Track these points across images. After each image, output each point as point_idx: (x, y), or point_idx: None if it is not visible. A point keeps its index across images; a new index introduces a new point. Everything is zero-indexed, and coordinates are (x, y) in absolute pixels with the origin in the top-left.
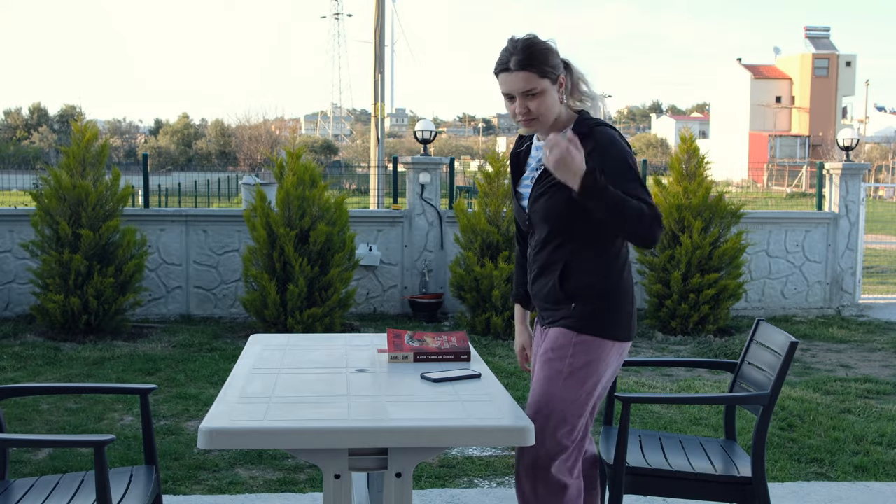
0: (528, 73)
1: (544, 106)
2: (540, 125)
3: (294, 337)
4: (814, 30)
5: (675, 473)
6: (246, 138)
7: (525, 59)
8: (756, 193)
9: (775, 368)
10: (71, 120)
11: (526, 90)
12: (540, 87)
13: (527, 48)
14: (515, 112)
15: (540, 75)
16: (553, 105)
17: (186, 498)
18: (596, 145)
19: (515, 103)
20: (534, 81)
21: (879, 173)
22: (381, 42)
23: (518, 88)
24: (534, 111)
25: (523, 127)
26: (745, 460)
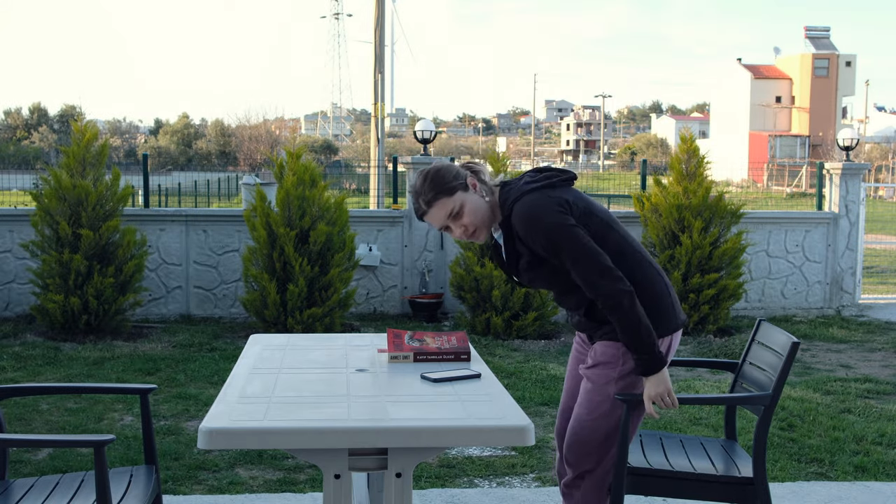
0: (439, 201)
1: (473, 215)
2: (484, 231)
3: (294, 337)
4: (814, 30)
5: (677, 474)
6: (246, 138)
7: (428, 194)
8: (756, 193)
9: (776, 368)
10: (71, 120)
11: (450, 215)
12: (457, 204)
13: (426, 184)
14: (456, 236)
15: (449, 195)
16: (480, 207)
17: (186, 498)
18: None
19: (452, 230)
20: (448, 204)
21: (879, 173)
22: (381, 42)
23: (443, 219)
24: (469, 224)
25: (473, 241)
26: (746, 460)
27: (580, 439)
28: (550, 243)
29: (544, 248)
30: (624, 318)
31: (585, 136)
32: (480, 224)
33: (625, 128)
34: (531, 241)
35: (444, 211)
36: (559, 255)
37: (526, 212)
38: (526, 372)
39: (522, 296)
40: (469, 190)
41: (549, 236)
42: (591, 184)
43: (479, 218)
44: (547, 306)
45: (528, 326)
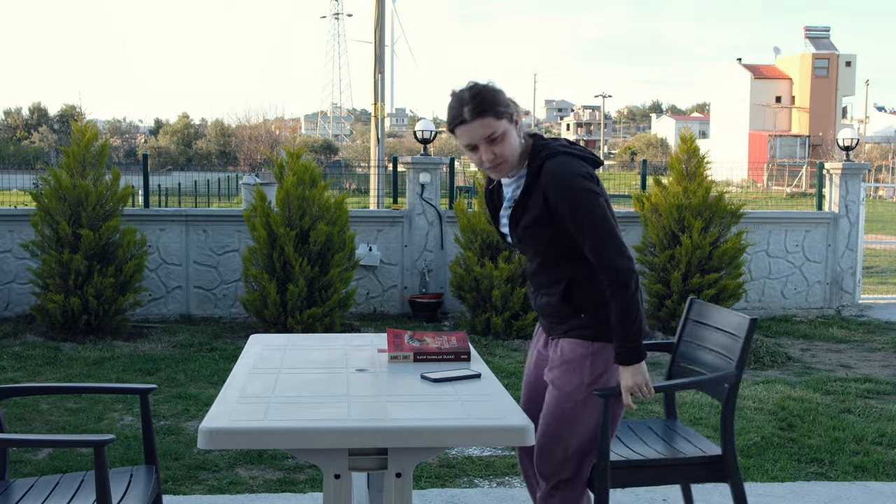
0: (486, 118)
1: (508, 147)
2: (508, 167)
3: (294, 337)
4: (814, 30)
5: (650, 462)
6: (246, 138)
7: (478, 106)
8: (756, 193)
9: (732, 349)
10: (71, 120)
11: (487, 136)
12: (500, 130)
13: (476, 95)
14: (482, 160)
15: (497, 117)
16: (514, 144)
17: (186, 498)
18: (547, 183)
19: (480, 152)
20: (493, 126)
21: (879, 173)
22: (381, 42)
23: (480, 136)
24: (500, 155)
25: (492, 173)
26: (699, 438)
27: (552, 450)
28: (578, 204)
29: (570, 208)
30: (627, 299)
31: (585, 136)
32: (510, 159)
33: (625, 128)
34: (556, 199)
35: (486, 130)
36: (578, 220)
37: (562, 169)
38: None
39: (522, 296)
40: (512, 123)
41: (578, 197)
42: None
43: (511, 153)
44: None
45: (528, 326)
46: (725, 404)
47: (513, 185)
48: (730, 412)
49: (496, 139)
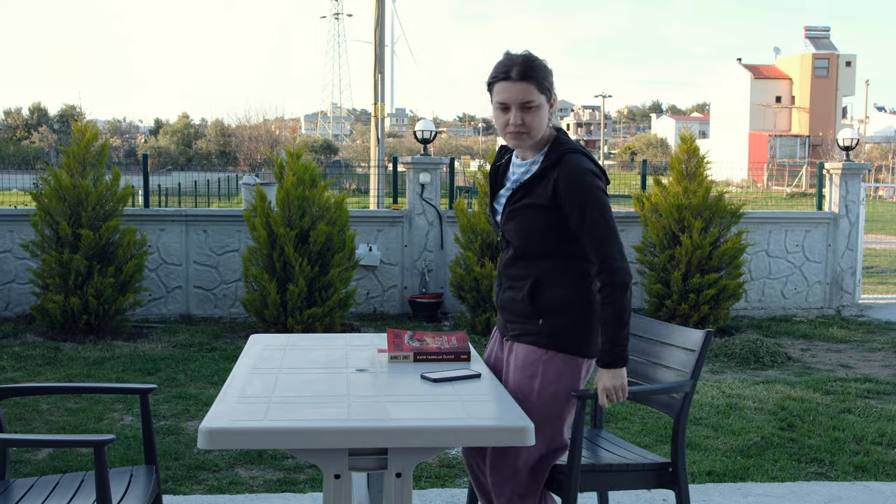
0: (529, 84)
1: (538, 121)
2: (529, 140)
3: (294, 337)
4: (814, 30)
5: (600, 466)
6: (246, 138)
7: (527, 71)
8: (756, 193)
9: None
10: (71, 120)
11: (524, 101)
12: (537, 102)
13: (528, 61)
14: (509, 122)
15: (539, 89)
16: (544, 122)
17: (186, 498)
18: (562, 175)
19: (510, 114)
20: (533, 94)
21: (879, 173)
22: (381, 42)
23: (517, 99)
24: (527, 124)
25: (512, 139)
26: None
27: (503, 457)
28: (590, 200)
29: (580, 202)
30: (623, 302)
31: (585, 136)
32: (533, 133)
33: (625, 128)
34: (569, 192)
35: (524, 95)
36: (587, 216)
37: (581, 165)
38: None
39: None
40: (548, 103)
41: (592, 193)
42: None
43: (537, 127)
44: None
45: None
46: (679, 412)
47: (523, 167)
48: (684, 418)
49: (531, 108)
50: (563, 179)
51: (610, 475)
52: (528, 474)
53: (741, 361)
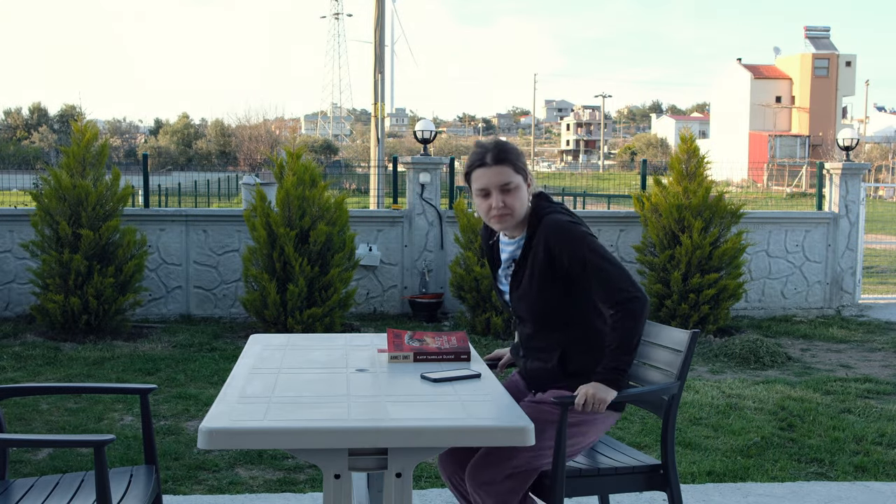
0: (505, 167)
1: (518, 201)
2: (512, 220)
3: (294, 337)
4: (814, 30)
5: (589, 471)
6: (246, 138)
7: (500, 154)
8: (756, 193)
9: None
10: (71, 120)
11: (503, 184)
12: (515, 182)
13: (500, 145)
14: (491, 207)
15: (515, 170)
16: (524, 201)
17: (186, 498)
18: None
19: (491, 198)
20: (510, 175)
21: (879, 173)
22: (381, 42)
23: (496, 182)
24: (509, 206)
25: (496, 223)
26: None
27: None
28: (581, 248)
29: (571, 252)
30: (631, 329)
31: (585, 136)
32: (517, 212)
33: (625, 128)
34: (559, 247)
35: (502, 178)
36: (584, 262)
37: (561, 220)
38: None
39: None
40: (526, 183)
41: (580, 240)
42: (591, 184)
43: (519, 207)
44: None
45: None
46: (667, 413)
47: (512, 245)
48: (673, 420)
49: (510, 189)
50: (551, 239)
51: (600, 479)
52: (512, 481)
53: (741, 361)
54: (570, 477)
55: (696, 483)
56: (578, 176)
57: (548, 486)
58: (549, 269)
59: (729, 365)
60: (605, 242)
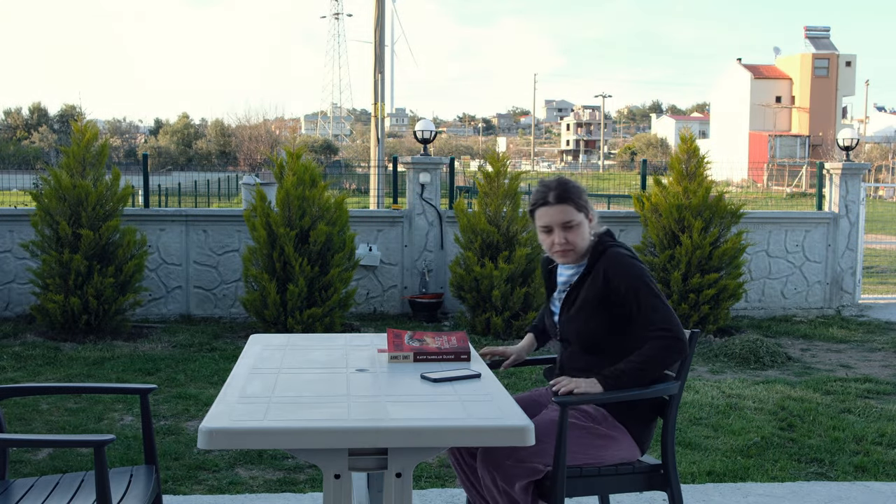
0: (566, 205)
1: (580, 237)
2: (574, 255)
3: (294, 337)
4: (814, 30)
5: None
6: (246, 138)
7: (563, 194)
8: (756, 193)
9: None
10: (71, 120)
11: (565, 222)
12: (577, 220)
13: (562, 185)
14: (553, 243)
15: (576, 209)
16: (586, 237)
17: (186, 498)
18: (612, 267)
19: (553, 235)
20: (571, 213)
21: (879, 173)
22: (381, 42)
23: (557, 220)
24: (571, 242)
25: (558, 257)
26: None
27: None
28: (638, 283)
29: (629, 286)
30: (661, 357)
31: (585, 136)
32: (578, 248)
33: (625, 128)
34: (617, 279)
35: (564, 216)
36: (638, 293)
37: (622, 254)
38: (526, 372)
39: (522, 296)
40: (587, 220)
41: (639, 277)
42: (591, 184)
43: (580, 243)
44: None
45: (527, 326)
46: (667, 416)
47: (571, 270)
48: (673, 420)
49: (571, 226)
50: (611, 270)
51: (600, 479)
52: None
53: (741, 361)
54: (570, 477)
55: (696, 483)
56: (578, 176)
57: (548, 487)
58: (603, 296)
59: (729, 365)
60: None
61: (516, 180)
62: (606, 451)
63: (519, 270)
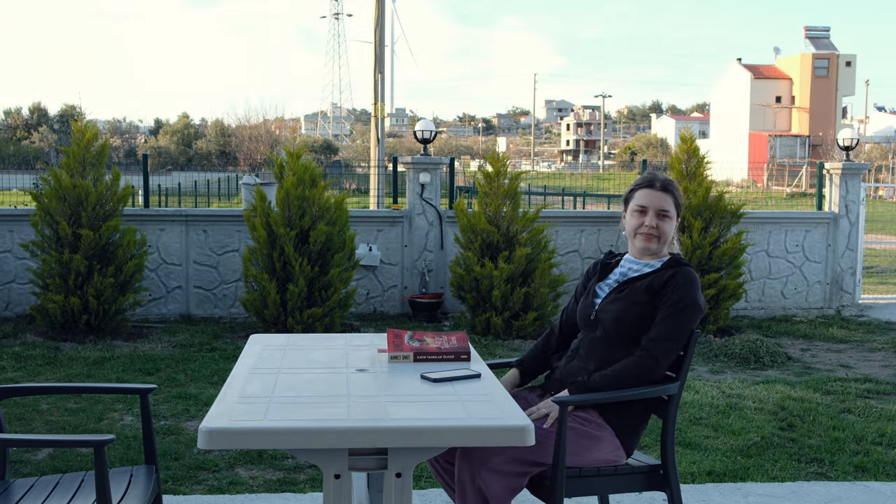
0: (668, 195)
1: (668, 230)
2: (657, 245)
3: (294, 337)
4: (814, 30)
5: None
6: (246, 138)
7: (668, 185)
8: (756, 193)
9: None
10: (71, 120)
11: (661, 209)
12: (672, 212)
13: (669, 180)
14: (644, 223)
15: (675, 203)
16: (672, 233)
17: (186, 498)
18: (676, 280)
19: (647, 216)
20: (669, 204)
21: (879, 173)
22: (381, 42)
23: (657, 205)
24: (660, 229)
25: (642, 240)
26: None
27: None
28: (681, 303)
29: (677, 299)
30: (634, 374)
31: (585, 136)
32: (664, 239)
33: (625, 128)
34: (675, 288)
35: (663, 203)
36: (673, 310)
37: (695, 277)
38: None
39: (522, 296)
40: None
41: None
42: (591, 184)
43: (667, 234)
44: (547, 306)
45: (527, 326)
46: (668, 413)
47: (639, 264)
48: (673, 421)
49: (666, 216)
50: (678, 279)
51: (599, 479)
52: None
53: (741, 361)
54: (569, 477)
55: (696, 483)
56: (578, 176)
57: (548, 487)
58: (655, 293)
59: (729, 365)
60: (604, 242)
61: (516, 180)
62: (590, 453)
63: (519, 270)
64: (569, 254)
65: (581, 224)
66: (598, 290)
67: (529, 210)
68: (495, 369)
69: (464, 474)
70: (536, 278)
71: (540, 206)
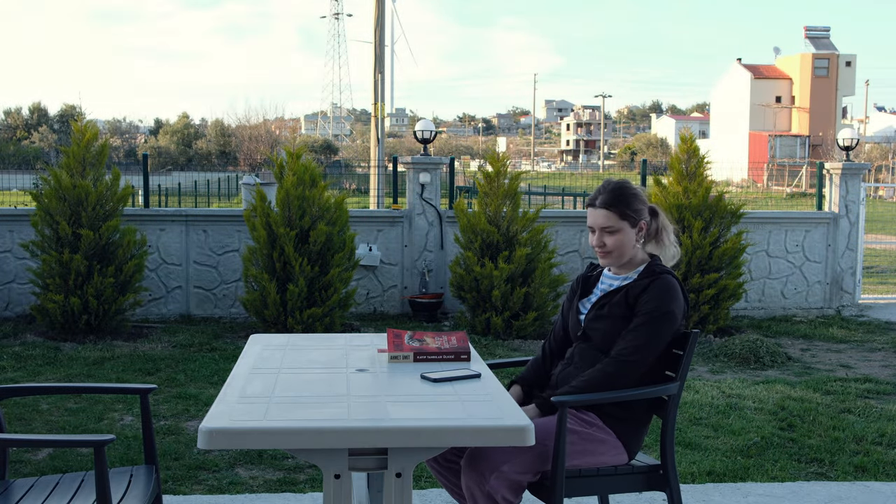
0: (609, 212)
1: (618, 243)
2: (613, 259)
3: (294, 337)
4: (814, 30)
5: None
6: (246, 138)
7: (609, 200)
8: (756, 193)
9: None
10: (71, 120)
11: (604, 226)
12: (617, 227)
13: (614, 191)
14: (593, 243)
15: (619, 217)
16: (627, 244)
17: (186, 498)
18: (650, 291)
19: (594, 236)
20: (612, 220)
21: (879, 173)
22: (381, 42)
23: (598, 223)
24: (608, 246)
25: (599, 258)
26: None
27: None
28: (659, 312)
29: (654, 306)
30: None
31: (585, 136)
32: (615, 252)
33: (625, 128)
34: (651, 296)
35: (603, 220)
36: (647, 316)
37: (674, 286)
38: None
39: (522, 296)
40: (634, 228)
41: (663, 309)
42: (591, 184)
43: (618, 248)
44: (547, 306)
45: (527, 326)
46: (668, 414)
47: (617, 280)
48: (673, 421)
49: (610, 232)
50: (653, 289)
51: (599, 479)
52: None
53: (741, 361)
54: (569, 477)
55: (696, 483)
56: (578, 176)
57: (548, 487)
58: (630, 307)
59: (729, 365)
60: None
61: (516, 180)
62: (593, 456)
63: (519, 270)
64: (569, 254)
65: (581, 224)
66: (581, 308)
67: (529, 210)
68: (495, 369)
69: (471, 481)
70: (536, 278)
71: (540, 206)
